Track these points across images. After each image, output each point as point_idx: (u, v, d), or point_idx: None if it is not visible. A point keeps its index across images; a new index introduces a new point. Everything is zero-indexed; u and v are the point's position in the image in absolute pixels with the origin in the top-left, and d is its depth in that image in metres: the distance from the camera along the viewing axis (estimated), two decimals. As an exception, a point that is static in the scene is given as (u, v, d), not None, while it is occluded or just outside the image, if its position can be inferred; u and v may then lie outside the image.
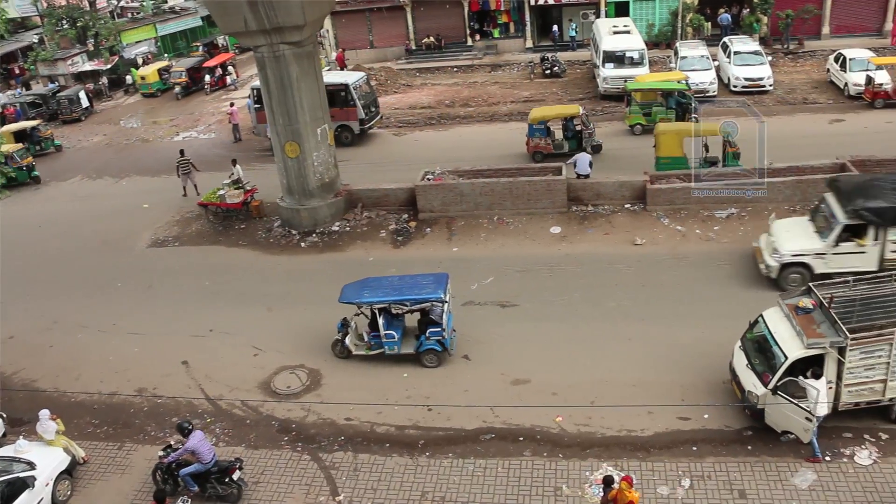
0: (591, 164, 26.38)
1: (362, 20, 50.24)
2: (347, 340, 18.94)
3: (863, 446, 15.22)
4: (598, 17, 46.84)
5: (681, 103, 32.00)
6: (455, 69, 47.16)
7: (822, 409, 14.46)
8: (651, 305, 20.43)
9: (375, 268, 22.77)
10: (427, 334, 18.28)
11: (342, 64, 45.98)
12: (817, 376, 14.41)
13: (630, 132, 32.66)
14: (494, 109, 38.55)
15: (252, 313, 21.81)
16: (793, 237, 20.48)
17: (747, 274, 21.23)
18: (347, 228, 26.03)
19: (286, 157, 25.67)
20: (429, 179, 26.25)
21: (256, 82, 30.91)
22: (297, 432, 17.06)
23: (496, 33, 50.06)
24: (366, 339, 18.99)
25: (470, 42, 49.88)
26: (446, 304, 18.37)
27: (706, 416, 16.32)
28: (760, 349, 15.93)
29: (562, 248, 23.64)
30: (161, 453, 15.46)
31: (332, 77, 35.13)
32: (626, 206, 25.15)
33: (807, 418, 14.40)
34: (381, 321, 18.29)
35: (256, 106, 34.10)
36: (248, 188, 27.97)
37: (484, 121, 37.03)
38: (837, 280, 16.76)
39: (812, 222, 20.84)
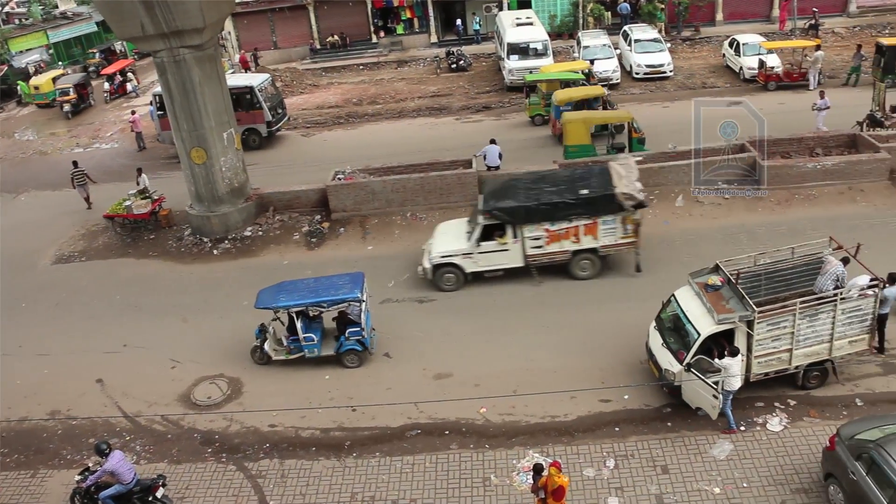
0: (500, 156, 26.65)
1: (265, 21, 49.56)
2: (266, 346, 18.72)
3: (773, 413, 15.93)
4: (500, 9, 47.36)
5: None
6: (361, 67, 47.01)
7: (737, 383, 15.04)
8: (567, 292, 20.82)
9: (290, 271, 22.56)
10: (346, 335, 18.22)
11: (247, 65, 45.22)
12: (734, 353, 14.96)
13: (531, 123, 33.22)
14: (402, 106, 38.58)
15: (167, 325, 21.32)
16: (445, 239, 21.43)
17: (659, 256, 21.81)
18: (260, 233, 25.67)
19: (193, 163, 25.13)
20: (340, 179, 26.12)
21: (158, 88, 30.17)
22: (221, 443, 16.76)
23: (400, 29, 50.10)
24: (285, 343, 18.78)
25: (375, 39, 49.79)
26: (364, 304, 18.35)
27: (626, 396, 16.75)
28: (674, 328, 16.45)
29: (476, 241, 23.83)
30: (78, 477, 14.95)
31: (236, 80, 34.53)
32: (537, 195, 25.47)
33: (714, 395, 14.94)
34: (299, 324, 18.15)
35: (159, 112, 33.21)
36: (156, 197, 27.29)
37: (392, 118, 37.02)
38: (743, 256, 17.43)
39: (469, 223, 21.68)
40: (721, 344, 15.47)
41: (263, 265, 23.87)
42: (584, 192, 20.22)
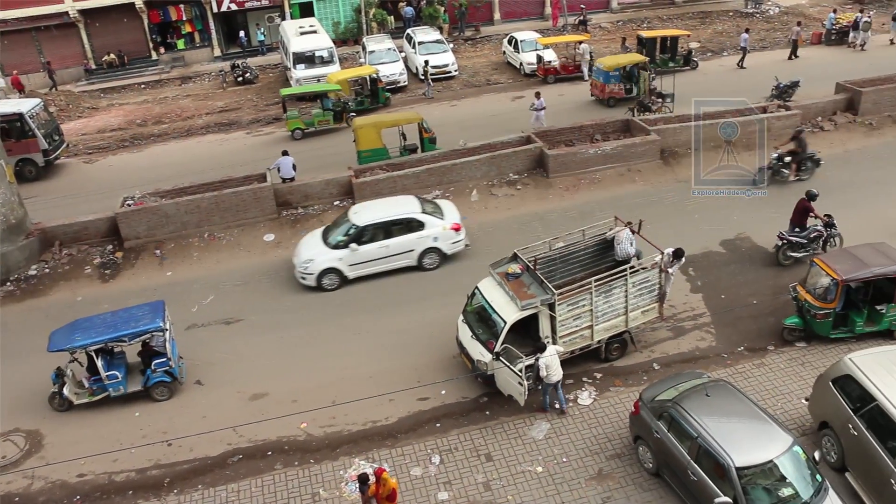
0: (294, 167, 26.35)
1: (29, 41, 45.84)
2: (66, 391, 17.50)
3: (583, 388, 16.92)
4: (283, 19, 46.72)
5: (336, 104, 32.98)
6: (143, 86, 44.84)
7: (555, 377, 15.82)
8: (373, 297, 20.99)
9: (86, 307, 21.21)
10: (153, 367, 17.42)
11: (20, 87, 41.85)
12: (542, 349, 15.67)
13: (291, 137, 33.01)
14: (190, 123, 37.21)
15: (-54, 382, 19.42)
16: None
17: (463, 252, 22.41)
18: (47, 270, 23.87)
19: (-40, 202, 23.05)
20: (129, 205, 24.79)
21: None
22: (23, 504, 15.49)
23: (181, 44, 48.17)
24: (86, 385, 17.65)
25: (155, 56, 47.62)
26: (167, 332, 17.60)
27: (443, 392, 17.14)
28: (481, 319, 17.00)
29: (278, 255, 23.49)
30: None
31: (2, 107, 31.94)
32: (336, 203, 25.47)
33: (519, 383, 15.58)
34: (99, 363, 17.13)
35: (-86, 149, 30.16)
36: (-81, 244, 24.77)
37: (181, 136, 35.59)
38: (538, 243, 18.30)
39: None
40: (528, 329, 16.19)
41: (55, 304, 22.23)
42: None
